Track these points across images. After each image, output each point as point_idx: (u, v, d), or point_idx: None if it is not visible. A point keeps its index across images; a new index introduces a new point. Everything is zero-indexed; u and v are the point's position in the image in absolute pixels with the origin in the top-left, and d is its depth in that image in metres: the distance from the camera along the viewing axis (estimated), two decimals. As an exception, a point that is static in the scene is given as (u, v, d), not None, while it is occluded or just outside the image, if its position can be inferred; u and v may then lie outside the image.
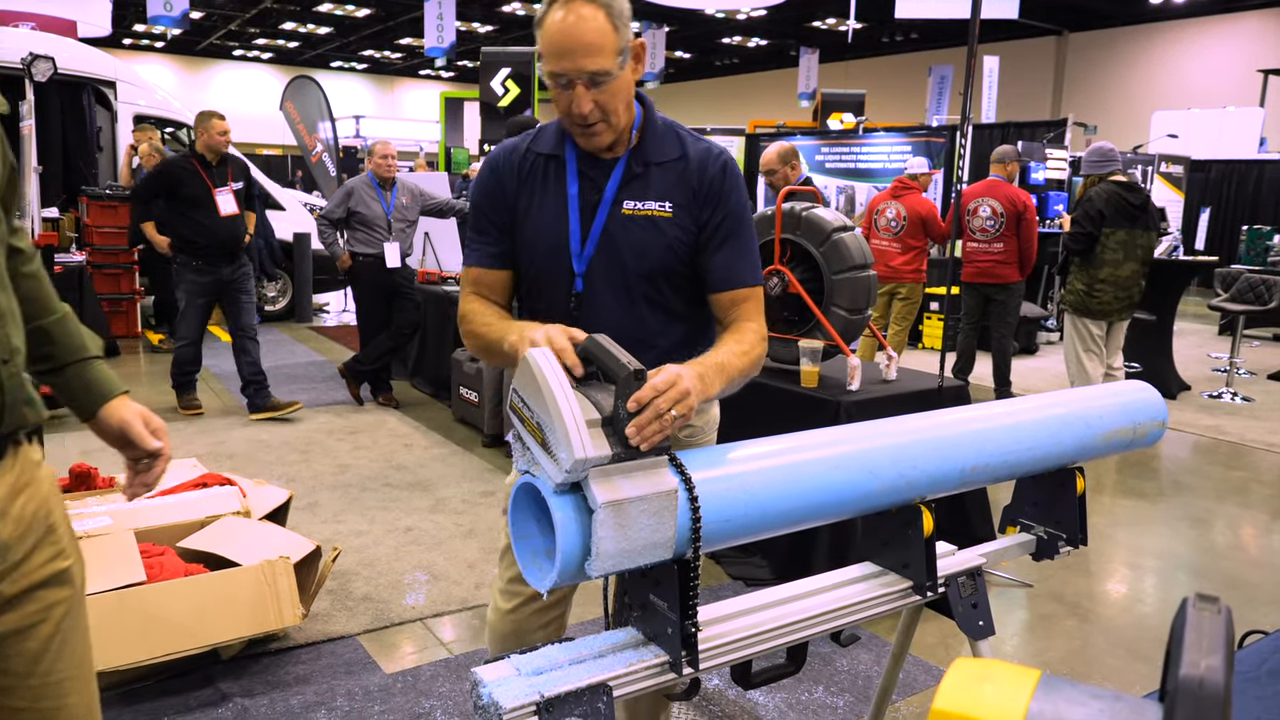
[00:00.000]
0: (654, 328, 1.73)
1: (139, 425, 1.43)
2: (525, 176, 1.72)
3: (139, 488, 1.47)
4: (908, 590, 1.69)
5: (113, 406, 1.42)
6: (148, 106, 9.18)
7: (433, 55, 14.82)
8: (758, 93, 25.43)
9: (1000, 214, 6.09)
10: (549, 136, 1.74)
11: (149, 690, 2.62)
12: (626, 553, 1.27)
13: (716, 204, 1.70)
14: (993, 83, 14.08)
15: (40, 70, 5.69)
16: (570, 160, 1.70)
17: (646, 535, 1.28)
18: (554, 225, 1.69)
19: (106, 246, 7.99)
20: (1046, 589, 3.55)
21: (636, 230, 1.67)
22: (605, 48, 1.54)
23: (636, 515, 1.26)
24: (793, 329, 3.53)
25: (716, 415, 1.92)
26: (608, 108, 1.59)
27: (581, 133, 1.62)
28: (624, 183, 1.68)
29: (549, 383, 1.24)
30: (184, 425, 5.54)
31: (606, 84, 1.56)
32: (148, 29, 21.00)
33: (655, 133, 1.71)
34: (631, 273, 1.68)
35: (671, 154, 1.70)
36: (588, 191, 1.68)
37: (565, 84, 1.56)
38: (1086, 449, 1.83)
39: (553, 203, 1.69)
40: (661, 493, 1.28)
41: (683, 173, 1.69)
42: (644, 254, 1.68)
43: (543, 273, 1.71)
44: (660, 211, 1.68)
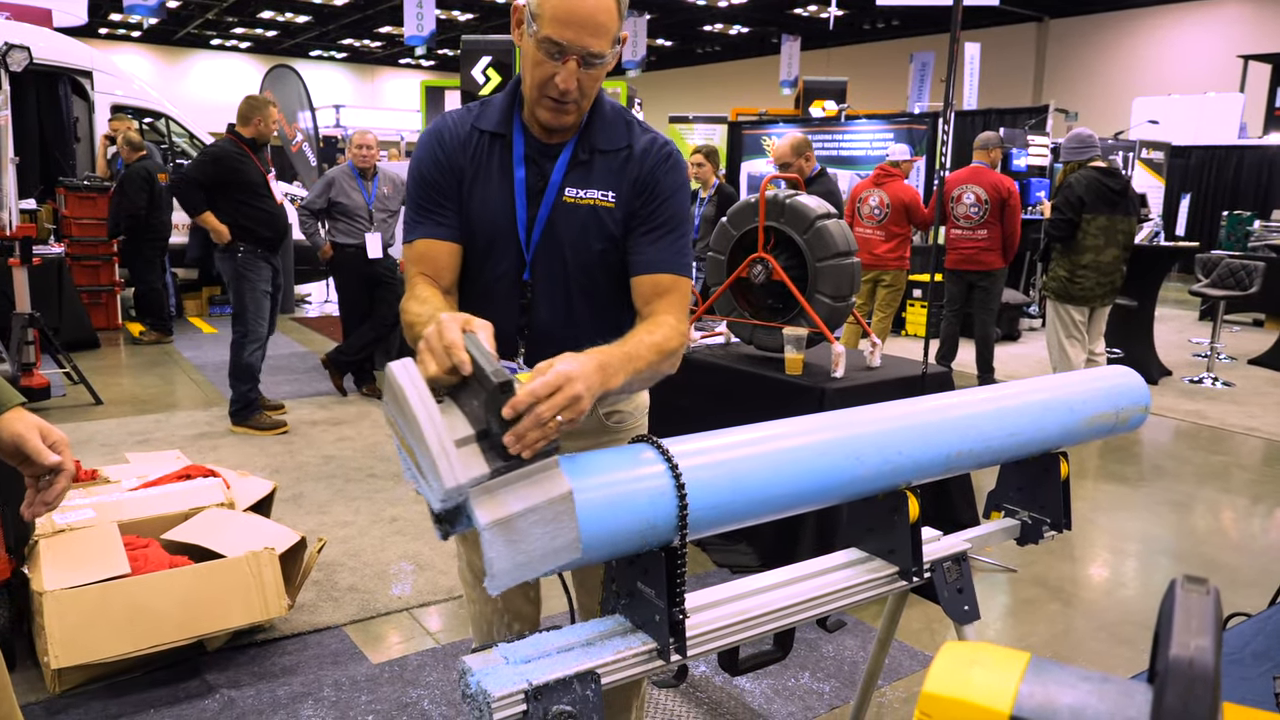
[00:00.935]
0: (590, 321, 1.65)
1: (35, 439, 1.31)
2: (472, 154, 1.64)
3: (39, 507, 1.33)
4: (894, 576, 1.70)
5: (6, 420, 1.31)
6: (125, 96, 9.07)
7: (413, 44, 14.69)
8: (740, 80, 25.39)
9: (984, 201, 6.10)
10: (494, 113, 1.65)
11: (136, 682, 2.61)
12: (524, 565, 1.21)
13: (653, 194, 1.62)
14: (974, 69, 14.11)
15: (15, 60, 5.59)
16: (518, 143, 1.62)
17: (543, 544, 1.21)
18: (501, 210, 1.61)
19: (85, 238, 7.91)
20: (1030, 574, 3.58)
21: (578, 220, 1.61)
22: (610, 31, 1.51)
23: (528, 528, 1.20)
24: (777, 316, 3.53)
25: (645, 401, 1.84)
26: (586, 91, 1.55)
27: (552, 107, 1.55)
28: (569, 169, 1.61)
29: (410, 403, 1.13)
30: (167, 416, 5.49)
31: (597, 67, 1.52)
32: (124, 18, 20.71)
33: (604, 119, 1.64)
34: (571, 263, 1.62)
35: (618, 143, 1.63)
36: (533, 177, 1.61)
37: (558, 55, 1.49)
38: (1070, 434, 1.85)
39: (499, 186, 1.62)
40: (553, 499, 1.21)
41: (626, 162, 1.63)
42: (584, 244, 1.61)
43: (490, 259, 1.63)
44: (603, 201, 1.61)
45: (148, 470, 3.45)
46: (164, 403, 5.88)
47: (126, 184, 7.56)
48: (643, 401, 1.82)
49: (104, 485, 3.28)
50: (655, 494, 1.34)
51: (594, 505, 1.30)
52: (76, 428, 5.20)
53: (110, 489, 3.22)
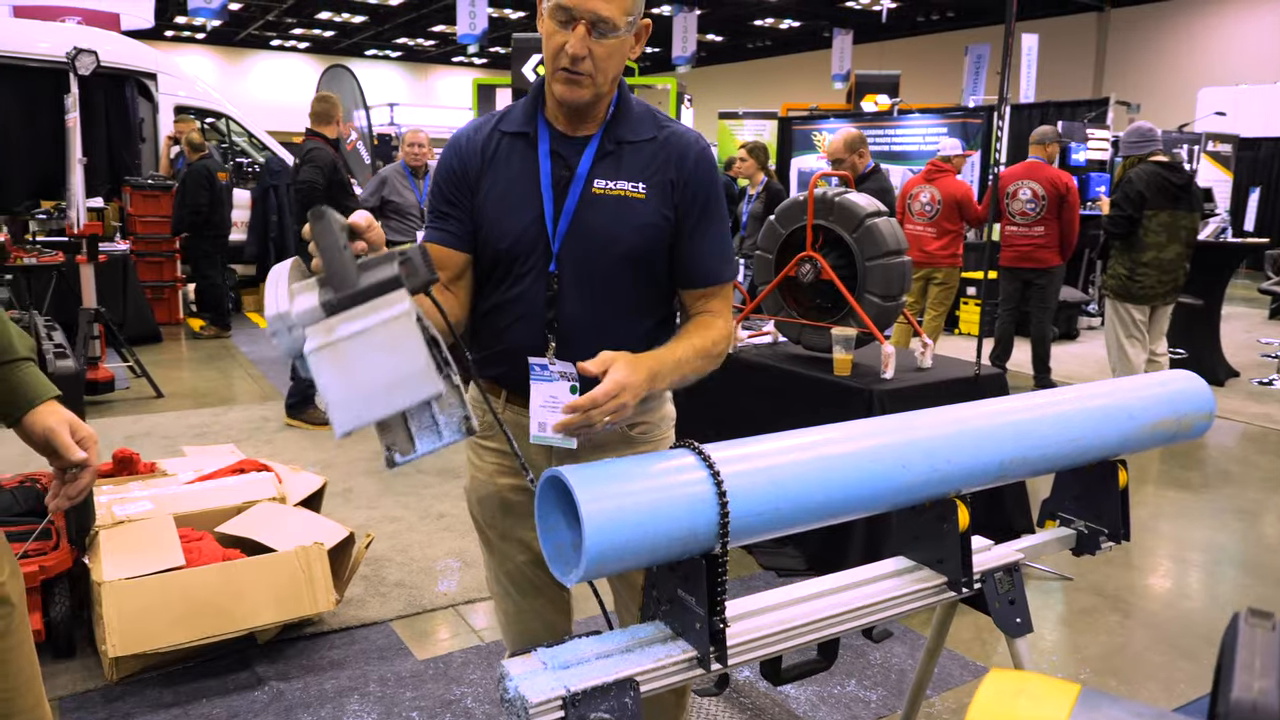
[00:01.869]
0: (618, 313, 1.63)
1: (65, 434, 1.33)
2: (490, 157, 1.63)
3: (62, 500, 1.36)
4: (942, 586, 1.66)
5: (39, 413, 1.33)
6: (188, 97, 9.28)
7: (465, 42, 14.83)
8: (791, 75, 25.16)
9: (1041, 196, 5.96)
10: (517, 115, 1.65)
11: (188, 672, 2.66)
12: (367, 395, 1.13)
13: (693, 193, 1.61)
14: (1031, 61, 13.78)
15: (84, 64, 5.74)
16: (543, 138, 1.61)
17: (385, 372, 1.14)
18: (525, 206, 1.59)
19: (149, 235, 8.12)
20: (1087, 582, 3.48)
21: (607, 211, 1.58)
22: (621, 1, 1.49)
23: (360, 353, 1.13)
24: (825, 316, 3.49)
25: (671, 412, 1.81)
26: (599, 64, 1.51)
27: (565, 78, 1.52)
28: (596, 160, 1.59)
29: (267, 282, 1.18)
30: (224, 410, 5.61)
31: (608, 38, 1.50)
32: (189, 20, 21.23)
33: (630, 113, 1.63)
34: (599, 255, 1.59)
35: (645, 134, 1.61)
36: (559, 169, 1.60)
37: (566, 21, 1.48)
38: (1129, 442, 1.78)
39: (522, 182, 1.60)
40: (386, 320, 1.13)
41: (655, 154, 1.60)
42: (614, 236, 1.58)
43: (515, 256, 1.60)
44: (633, 192, 1.58)
45: (203, 464, 3.52)
46: (221, 396, 6.01)
47: (189, 182, 7.76)
48: (669, 413, 1.79)
49: (162, 478, 3.36)
50: (696, 500, 1.33)
51: (634, 510, 1.28)
52: (138, 420, 5.34)
53: (168, 482, 3.30)
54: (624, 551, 1.28)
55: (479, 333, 1.69)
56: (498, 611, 1.90)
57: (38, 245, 5.76)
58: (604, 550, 1.26)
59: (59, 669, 2.64)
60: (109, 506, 2.93)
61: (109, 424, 5.22)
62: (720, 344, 1.63)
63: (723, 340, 1.64)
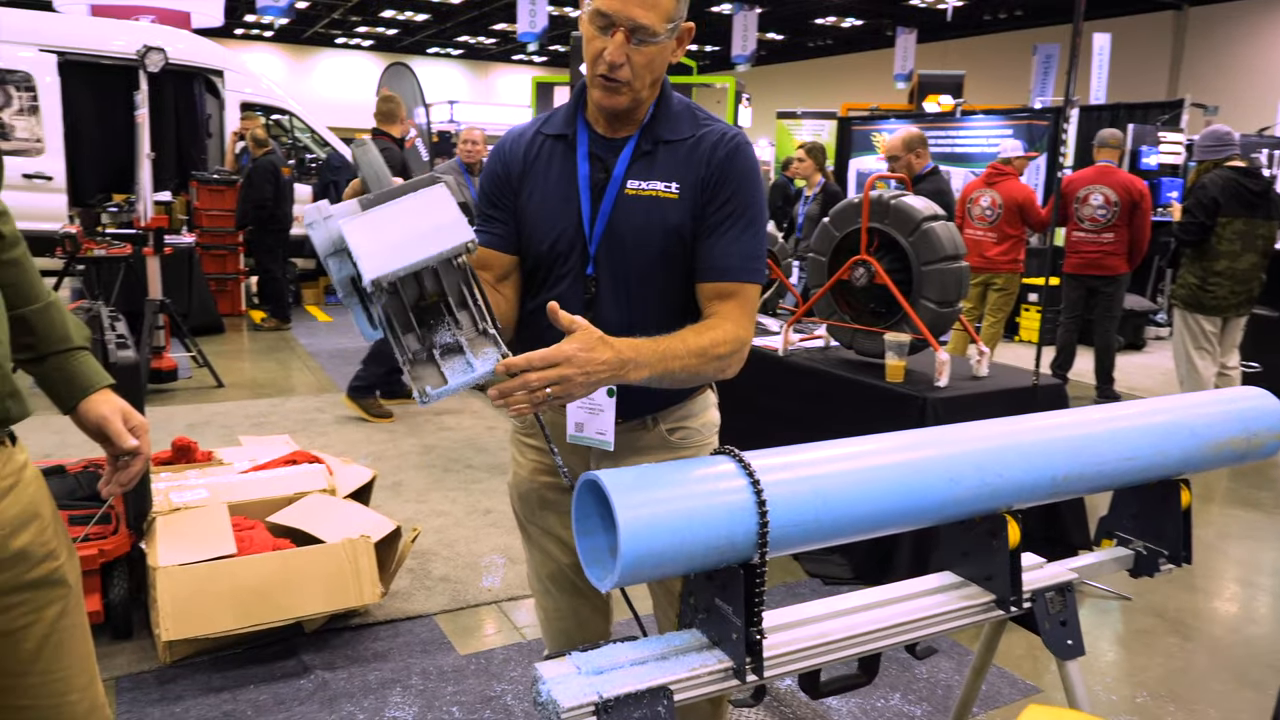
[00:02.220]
0: (652, 319, 1.56)
1: (118, 422, 1.37)
2: (532, 160, 1.64)
3: (114, 486, 1.40)
4: (989, 604, 1.61)
5: (93, 400, 1.37)
6: (253, 94, 9.49)
7: (525, 40, 14.91)
8: (852, 74, 24.84)
9: (1114, 202, 5.80)
10: (559, 118, 1.66)
11: (237, 658, 2.72)
12: (398, 245, 1.18)
13: (721, 187, 1.55)
14: (1103, 61, 13.41)
15: (153, 61, 5.90)
16: (581, 140, 1.61)
17: (417, 226, 1.19)
18: (563, 207, 1.60)
19: (214, 229, 8.32)
20: (1146, 603, 3.37)
21: (639, 211, 1.56)
22: (661, 6, 1.47)
23: (393, 216, 1.19)
24: (879, 321, 3.43)
25: (715, 419, 1.77)
26: (637, 71, 1.50)
27: (603, 85, 1.51)
28: (632, 161, 1.58)
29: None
30: (281, 401, 5.72)
31: (647, 45, 1.48)
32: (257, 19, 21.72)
33: (669, 112, 1.61)
34: (633, 256, 1.57)
35: (682, 133, 1.59)
36: (597, 172, 1.59)
37: (605, 27, 1.47)
38: (1193, 460, 1.71)
39: (561, 184, 1.61)
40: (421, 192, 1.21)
41: (691, 152, 1.58)
42: (645, 237, 1.56)
43: (554, 258, 1.60)
44: (666, 192, 1.56)
45: (258, 454, 3.59)
46: (279, 387, 6.13)
47: (254, 177, 7.95)
48: (712, 419, 1.76)
49: (218, 467, 3.43)
50: (735, 509, 1.30)
51: (671, 517, 1.27)
52: (198, 409, 5.47)
53: (223, 471, 3.37)
54: (660, 559, 1.26)
55: (523, 333, 1.69)
56: (537, 609, 1.91)
57: (107, 237, 5.93)
58: (640, 557, 1.24)
59: (116, 650, 2.71)
60: (166, 493, 3.00)
61: (171, 412, 5.35)
62: (722, 346, 1.50)
63: (726, 344, 1.50)
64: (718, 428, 1.79)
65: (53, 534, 1.31)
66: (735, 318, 1.54)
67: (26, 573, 1.27)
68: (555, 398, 1.29)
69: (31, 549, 1.27)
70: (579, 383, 1.30)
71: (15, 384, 1.24)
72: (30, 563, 1.27)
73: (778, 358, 3.69)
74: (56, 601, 1.31)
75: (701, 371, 1.49)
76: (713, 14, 20.25)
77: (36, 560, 1.28)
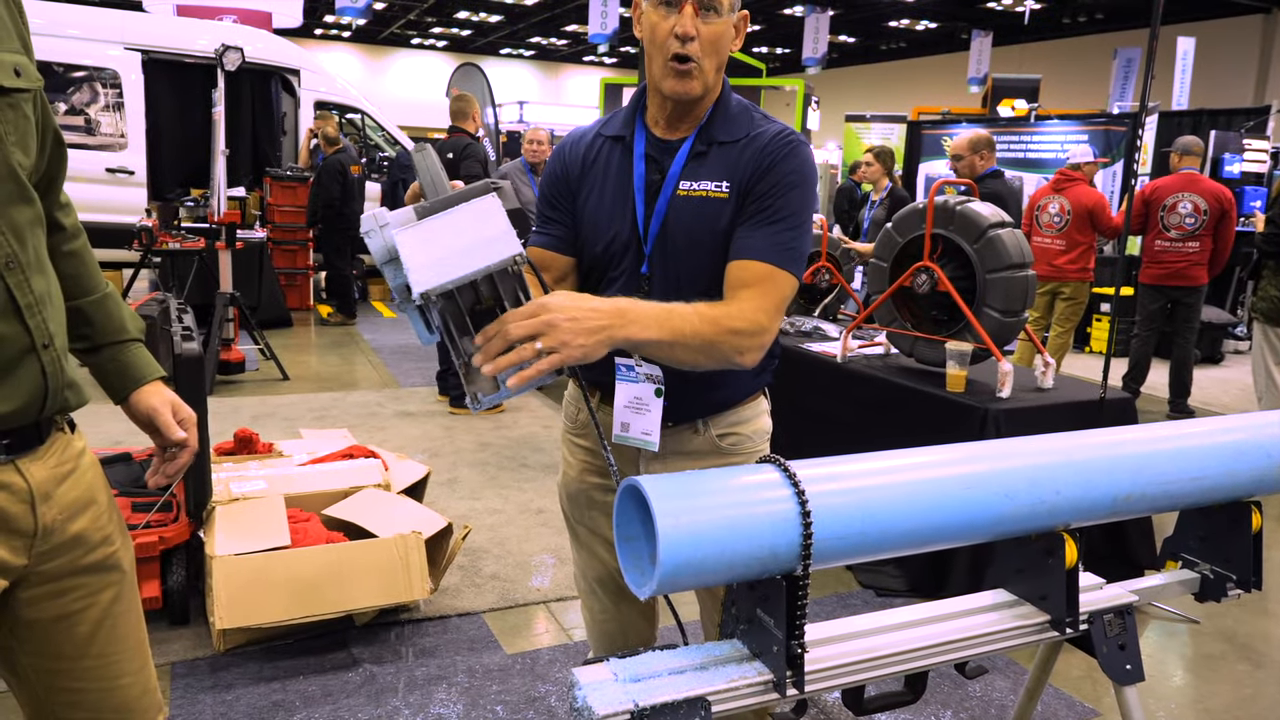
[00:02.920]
0: None
1: (167, 414, 1.40)
2: (590, 162, 1.64)
3: (160, 477, 1.43)
4: (1044, 625, 1.55)
5: (144, 392, 1.40)
6: (327, 93, 9.71)
7: (596, 41, 14.99)
8: (924, 78, 24.42)
9: (1204, 211, 5.63)
10: (619, 120, 1.66)
11: (289, 649, 2.77)
12: (447, 258, 1.18)
13: (764, 181, 1.51)
14: (1187, 66, 12.96)
15: (230, 60, 6.08)
16: (639, 141, 1.60)
17: (468, 236, 1.19)
18: (618, 208, 1.59)
19: (286, 224, 8.53)
20: (1215, 627, 3.23)
21: (690, 212, 1.54)
22: None
23: (444, 227, 1.19)
24: (941, 329, 3.35)
25: (767, 425, 1.74)
26: (705, 47, 1.49)
27: (675, 71, 1.49)
28: (687, 162, 1.57)
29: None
30: (344, 395, 5.83)
31: (715, 21, 1.48)
32: (336, 19, 22.23)
33: (727, 112, 1.59)
34: (684, 257, 1.56)
35: (738, 134, 1.57)
36: (652, 173, 1.58)
37: (675, 5, 1.47)
38: (1265, 483, 1.63)
39: (617, 186, 1.60)
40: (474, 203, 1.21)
41: (744, 151, 1.55)
42: (696, 238, 1.54)
43: (609, 259, 1.61)
44: (716, 192, 1.53)
45: (317, 447, 3.66)
46: (342, 381, 6.25)
47: (323, 175, 8.14)
48: (764, 426, 1.74)
49: (278, 459, 3.50)
50: (778, 519, 1.27)
51: (712, 526, 1.24)
52: (264, 400, 5.61)
53: (283, 463, 3.44)
54: (700, 568, 1.24)
55: None
56: (583, 610, 1.91)
57: (182, 231, 6.12)
58: (679, 565, 1.22)
59: (173, 635, 2.79)
60: (227, 483, 3.07)
61: (237, 403, 5.50)
62: (736, 320, 1.42)
63: (741, 318, 1.42)
64: (769, 435, 1.76)
65: (108, 520, 1.34)
66: (754, 300, 1.46)
67: (83, 557, 1.30)
68: (548, 351, 1.19)
69: (88, 534, 1.30)
70: (567, 329, 1.21)
71: (74, 374, 1.27)
72: (87, 547, 1.30)
73: (836, 364, 3.63)
74: (111, 586, 1.34)
75: (716, 343, 1.40)
76: (784, 16, 20.10)
77: (93, 545, 1.31)
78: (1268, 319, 4.75)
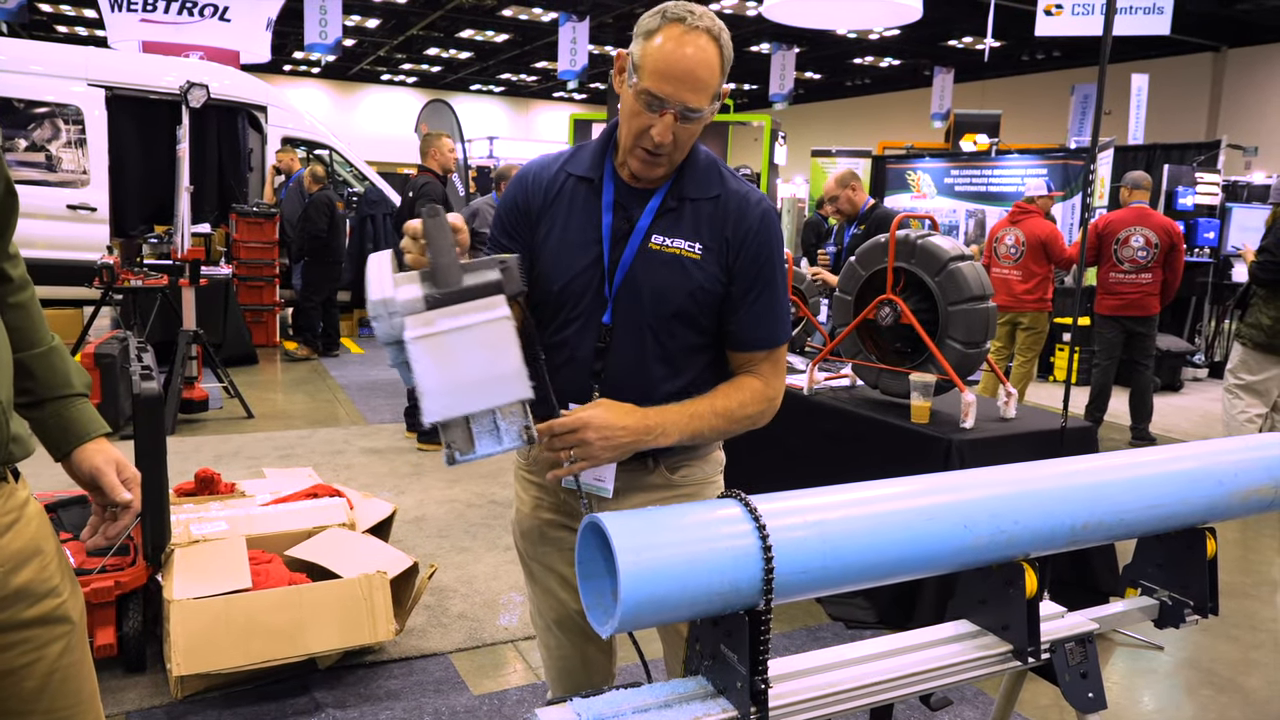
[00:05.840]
0: (659, 373, 1.61)
1: (111, 474, 1.35)
2: (553, 198, 1.63)
3: (100, 539, 1.37)
4: (1007, 655, 1.56)
5: (87, 450, 1.34)
6: (295, 129, 9.70)
7: (565, 78, 15.15)
8: (888, 113, 24.87)
9: (1154, 244, 5.84)
10: (585, 158, 1.65)
11: (249, 694, 2.70)
12: (460, 388, 1.18)
13: (749, 256, 1.59)
14: (1141, 102, 13.30)
15: (195, 97, 6.06)
16: (608, 189, 1.61)
17: (480, 369, 1.19)
18: (581, 253, 1.59)
19: (252, 260, 8.47)
20: (1180, 653, 3.26)
21: (660, 268, 1.57)
22: (710, 87, 1.50)
23: (460, 347, 1.18)
24: (904, 361, 3.38)
25: (720, 456, 1.77)
26: (680, 144, 1.53)
27: (645, 159, 1.54)
28: (657, 216, 1.59)
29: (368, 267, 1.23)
30: (310, 433, 5.77)
31: (694, 121, 1.51)
32: (305, 56, 22.25)
33: (696, 168, 1.62)
34: (649, 310, 1.57)
35: (709, 191, 1.60)
36: (620, 221, 1.59)
37: (655, 107, 1.49)
38: (1218, 509, 1.66)
39: (582, 229, 1.60)
40: (489, 320, 1.19)
41: (715, 212, 1.59)
42: (664, 295, 1.57)
43: (564, 300, 1.60)
44: (688, 252, 1.57)
45: (280, 486, 3.61)
46: (309, 419, 6.18)
47: (311, 211, 8.20)
48: (717, 457, 1.76)
49: (240, 499, 3.45)
50: (740, 554, 1.27)
51: (674, 562, 1.24)
52: (227, 439, 5.53)
53: (245, 503, 3.38)
54: (662, 605, 1.24)
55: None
56: (540, 647, 1.89)
57: (144, 268, 6.05)
58: (641, 602, 1.22)
59: (129, 683, 2.71)
60: (187, 525, 3.02)
61: (200, 442, 5.42)
62: (750, 407, 1.60)
63: (754, 404, 1.60)
64: (723, 465, 1.77)
65: (55, 570, 1.31)
66: (766, 376, 1.64)
67: (28, 609, 1.26)
68: (580, 460, 1.41)
69: (33, 585, 1.26)
70: (599, 446, 1.42)
71: (19, 427, 1.25)
72: (32, 599, 1.26)
73: (802, 396, 3.65)
74: (60, 639, 1.30)
75: (730, 430, 1.59)
76: (752, 53, 20.42)
77: (39, 597, 1.27)
78: (1256, 346, 4.80)
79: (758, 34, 18.69)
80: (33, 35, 17.49)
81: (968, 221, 10.05)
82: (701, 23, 1.48)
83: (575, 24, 14.86)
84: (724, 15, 17.29)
